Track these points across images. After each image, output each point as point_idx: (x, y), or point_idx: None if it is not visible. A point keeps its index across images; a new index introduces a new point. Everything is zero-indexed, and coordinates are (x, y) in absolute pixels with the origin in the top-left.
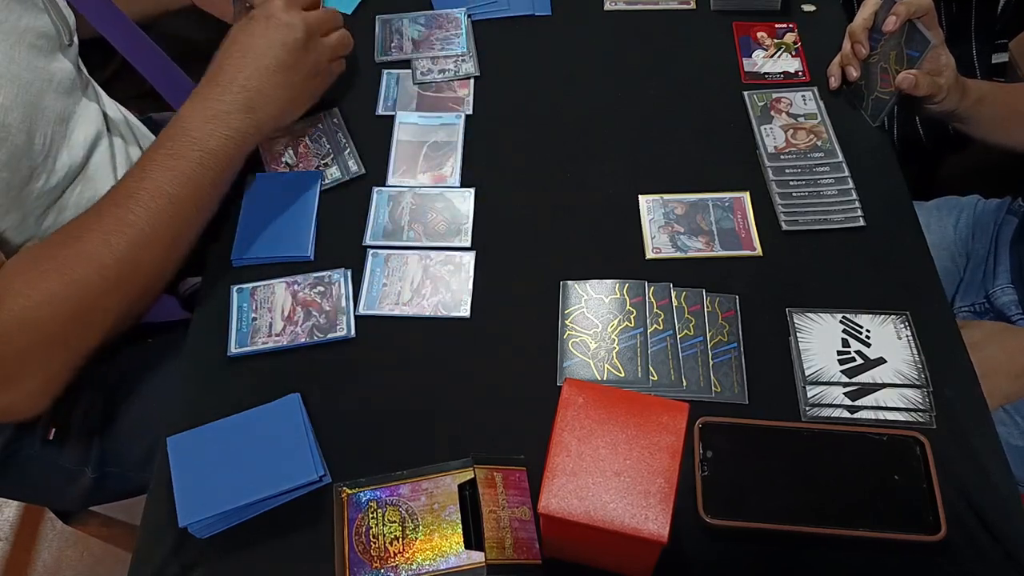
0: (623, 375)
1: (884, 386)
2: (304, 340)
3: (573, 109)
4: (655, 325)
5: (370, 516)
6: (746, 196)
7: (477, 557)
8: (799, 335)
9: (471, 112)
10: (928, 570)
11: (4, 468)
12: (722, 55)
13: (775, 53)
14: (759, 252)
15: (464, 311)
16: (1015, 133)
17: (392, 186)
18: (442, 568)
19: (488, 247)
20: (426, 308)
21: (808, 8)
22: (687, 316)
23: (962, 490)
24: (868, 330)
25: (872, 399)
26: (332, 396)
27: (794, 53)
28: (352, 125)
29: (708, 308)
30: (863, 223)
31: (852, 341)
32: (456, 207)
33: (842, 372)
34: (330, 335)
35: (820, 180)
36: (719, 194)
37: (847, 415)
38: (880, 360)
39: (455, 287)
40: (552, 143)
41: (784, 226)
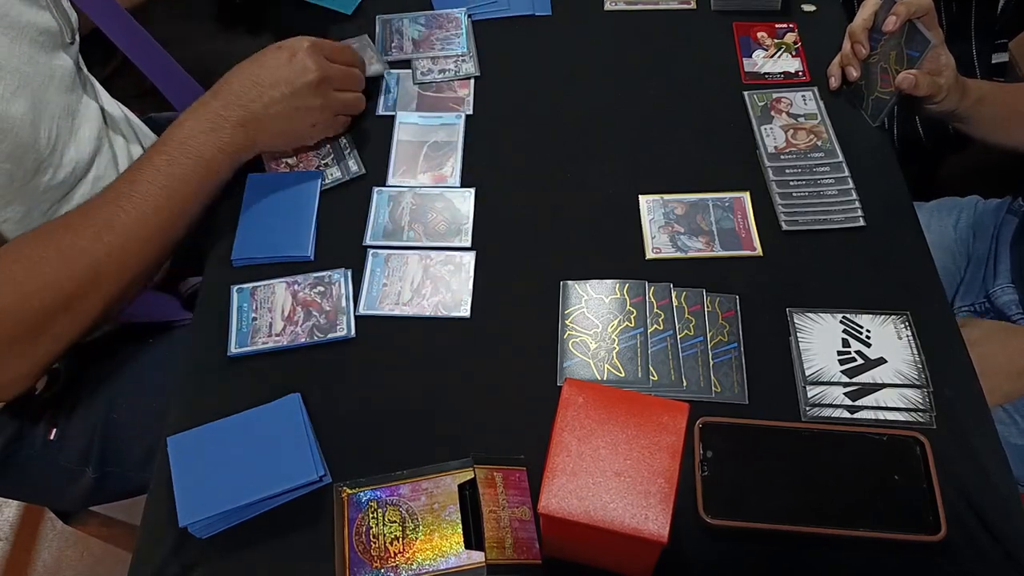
0: (623, 375)
1: (884, 386)
2: (304, 340)
3: (573, 109)
4: (655, 325)
5: (370, 516)
6: (746, 196)
7: (477, 557)
8: (799, 335)
9: (471, 112)
10: (928, 570)
11: (4, 468)
12: (722, 55)
13: (775, 53)
14: (759, 252)
15: (464, 311)
16: (1015, 133)
17: (392, 186)
18: (442, 568)
19: (488, 247)
20: (426, 308)
21: (808, 8)
22: (687, 316)
23: (962, 490)
24: (868, 330)
25: (872, 399)
26: (332, 396)
27: (794, 53)
28: (353, 125)
29: (708, 308)
30: (863, 223)
31: (852, 341)
32: (456, 207)
33: (842, 372)
34: (330, 335)
35: (820, 180)
36: (719, 194)
37: (847, 415)
38: (880, 360)
39: (455, 287)
40: (552, 143)
41: (784, 226)
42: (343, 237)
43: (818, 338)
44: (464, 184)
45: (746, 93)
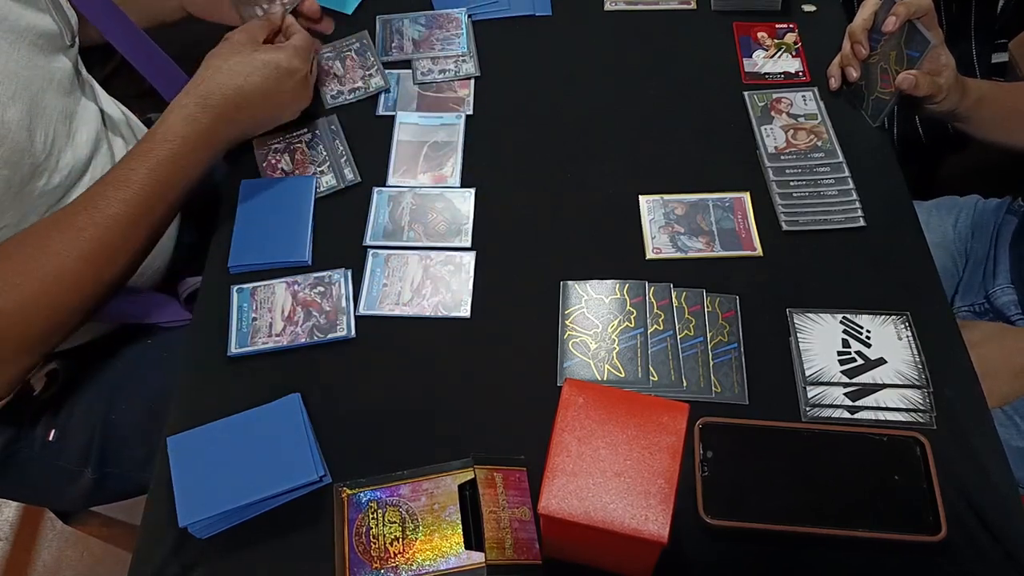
0: (623, 375)
1: (884, 386)
2: (304, 340)
3: (573, 109)
4: (655, 325)
5: (370, 516)
6: (746, 196)
7: (477, 557)
8: (799, 335)
9: (471, 112)
10: (928, 570)
11: (4, 468)
12: (722, 55)
13: (775, 53)
14: (759, 252)
15: (464, 311)
16: (1015, 133)
17: (392, 186)
18: (442, 568)
19: (488, 247)
20: (426, 308)
21: (808, 8)
22: (687, 316)
23: (962, 490)
24: (868, 330)
25: (872, 399)
26: (332, 396)
27: (794, 53)
28: (352, 125)
29: (708, 308)
30: (863, 223)
31: (852, 341)
32: (456, 207)
33: (842, 372)
34: (330, 335)
35: (820, 180)
36: (719, 194)
37: (847, 415)
38: (880, 360)
39: (455, 287)
40: (552, 143)
41: (784, 226)
42: (343, 237)
43: (818, 338)
44: (464, 184)
45: (746, 93)
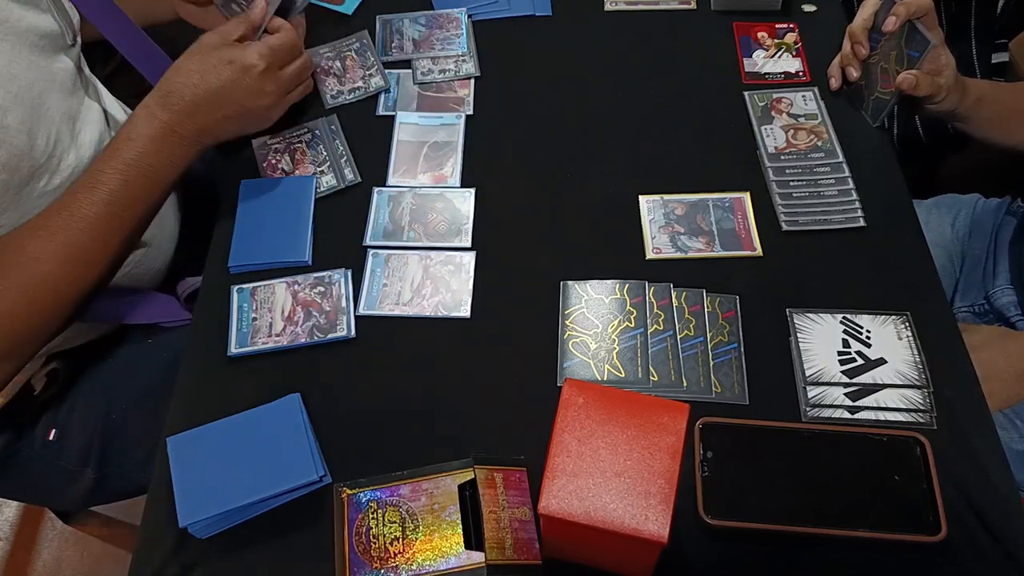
0: (623, 375)
1: (884, 387)
2: (304, 340)
3: (573, 109)
4: (655, 325)
5: (370, 516)
6: (746, 196)
7: (477, 557)
8: (799, 335)
9: (471, 112)
10: (928, 570)
11: (4, 468)
12: (722, 55)
13: (776, 53)
14: (759, 252)
15: (464, 311)
16: (1015, 133)
17: (392, 186)
18: (442, 568)
19: (488, 247)
20: (426, 308)
21: (808, 8)
22: (687, 316)
23: (962, 490)
24: (868, 330)
25: (872, 399)
26: (332, 396)
27: (795, 53)
28: (352, 125)
29: (708, 308)
30: (863, 223)
31: (852, 341)
32: (456, 207)
33: (842, 372)
34: (330, 335)
35: (820, 180)
36: (719, 194)
37: (847, 415)
38: (880, 361)
39: (455, 287)
40: (552, 143)
41: (784, 226)
42: (343, 237)
43: (818, 338)
44: (464, 184)
45: (746, 93)
